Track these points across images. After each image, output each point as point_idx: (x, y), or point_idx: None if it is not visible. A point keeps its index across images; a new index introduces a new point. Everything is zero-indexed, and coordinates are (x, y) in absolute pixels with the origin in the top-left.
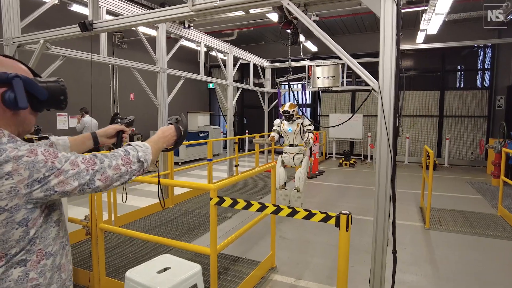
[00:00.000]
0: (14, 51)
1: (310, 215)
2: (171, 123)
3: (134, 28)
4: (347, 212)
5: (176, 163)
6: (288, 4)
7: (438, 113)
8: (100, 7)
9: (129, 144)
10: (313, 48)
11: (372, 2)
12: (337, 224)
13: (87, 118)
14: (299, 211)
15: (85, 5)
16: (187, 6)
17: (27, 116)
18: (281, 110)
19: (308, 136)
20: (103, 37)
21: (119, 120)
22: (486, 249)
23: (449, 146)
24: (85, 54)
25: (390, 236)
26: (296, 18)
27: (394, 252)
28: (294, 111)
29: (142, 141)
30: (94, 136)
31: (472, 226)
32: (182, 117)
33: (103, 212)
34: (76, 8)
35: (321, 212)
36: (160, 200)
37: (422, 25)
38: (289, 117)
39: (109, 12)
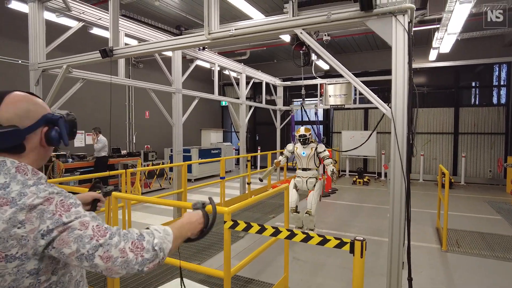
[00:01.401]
0: (39, 75)
1: (324, 241)
2: (197, 208)
3: None
4: (362, 238)
5: (189, 180)
6: (301, 32)
7: (453, 130)
8: (119, 31)
9: (148, 228)
10: (325, 66)
11: (383, 30)
12: (351, 251)
13: (102, 137)
14: (313, 237)
15: (105, 28)
16: (203, 35)
17: (46, 151)
18: (297, 134)
19: (331, 171)
20: (121, 59)
21: (99, 189)
22: (508, 274)
23: (465, 164)
24: (105, 76)
25: (405, 259)
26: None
27: (410, 279)
28: (310, 134)
29: (154, 160)
30: None
31: (492, 249)
32: (212, 201)
33: None
34: (95, 31)
35: (335, 238)
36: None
37: (435, 44)
38: (305, 141)
39: (127, 35)
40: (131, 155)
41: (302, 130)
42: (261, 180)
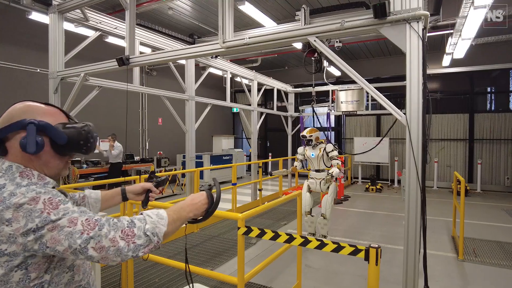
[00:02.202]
0: (58, 83)
1: (339, 248)
2: (203, 190)
3: None
4: (377, 246)
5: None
6: (315, 40)
7: (468, 136)
8: (135, 40)
9: (141, 213)
10: (336, 72)
11: (397, 38)
12: (366, 258)
13: (117, 143)
14: (327, 244)
15: (120, 37)
16: (218, 43)
17: (49, 159)
18: (301, 135)
19: (336, 173)
20: (136, 67)
21: (153, 179)
22: None
23: (481, 171)
24: (120, 84)
25: (421, 268)
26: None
27: None
28: (312, 136)
29: (166, 166)
30: (123, 191)
31: (511, 258)
32: (216, 182)
33: None
34: (110, 39)
35: (350, 245)
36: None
37: (448, 49)
38: (308, 142)
39: (142, 44)
40: (144, 161)
41: (305, 131)
42: (270, 174)
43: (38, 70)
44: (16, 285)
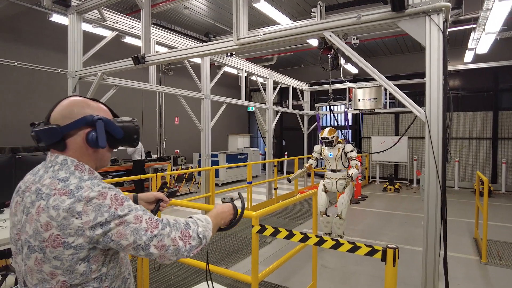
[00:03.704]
0: (76, 82)
1: (355, 248)
2: (227, 202)
3: None
4: (394, 246)
5: (216, 184)
6: (330, 35)
7: (492, 135)
8: (150, 39)
9: (190, 217)
10: (353, 70)
11: (416, 31)
12: (383, 259)
13: None
14: (343, 244)
15: (137, 37)
16: (232, 40)
17: (104, 153)
18: (320, 136)
19: (353, 174)
20: (153, 66)
21: (165, 190)
22: None
23: (506, 171)
24: (137, 83)
25: (441, 270)
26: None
27: None
28: (333, 137)
29: (183, 164)
30: (135, 198)
31: None
32: (241, 196)
33: None
34: (128, 39)
35: (367, 245)
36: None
37: (471, 44)
38: (328, 143)
39: (158, 43)
40: (161, 160)
41: (325, 132)
42: (289, 181)
43: (59, 70)
44: (80, 276)
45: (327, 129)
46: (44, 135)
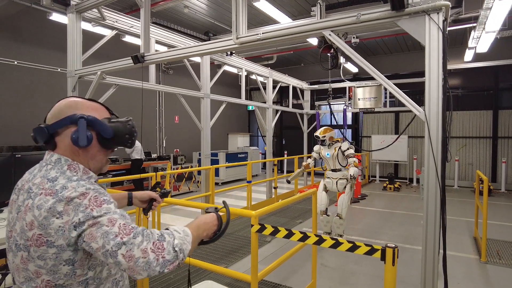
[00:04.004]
0: (75, 81)
1: (354, 247)
2: (211, 212)
3: None
4: (393, 245)
5: (216, 183)
6: (330, 34)
7: (492, 134)
8: (150, 38)
9: (167, 228)
10: (353, 69)
11: (416, 30)
12: (383, 258)
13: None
14: (342, 243)
15: (136, 36)
16: (231, 39)
17: (96, 153)
18: (314, 134)
19: (354, 172)
20: (152, 65)
21: (157, 190)
22: None
23: (506, 170)
24: (136, 82)
25: (440, 269)
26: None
27: None
28: (325, 136)
29: (183, 163)
30: (130, 196)
31: None
32: (225, 205)
33: None
34: (127, 38)
35: (366, 245)
36: None
37: (471, 43)
38: (322, 142)
39: (158, 42)
40: (161, 159)
41: (319, 131)
42: (288, 182)
43: (59, 69)
44: (64, 276)
45: (322, 128)
46: (36, 133)
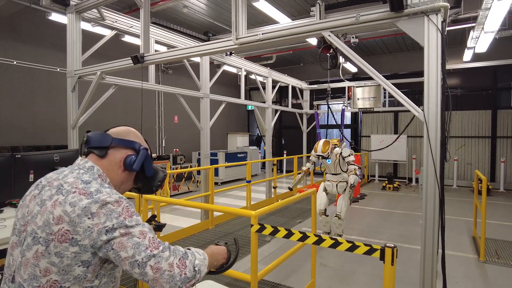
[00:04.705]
0: (75, 81)
1: (353, 247)
2: (221, 245)
3: None
4: (393, 245)
5: (216, 183)
6: (329, 35)
7: (491, 133)
8: (149, 39)
9: (189, 248)
10: (352, 69)
11: (415, 31)
12: (382, 258)
13: None
14: (342, 243)
15: (136, 36)
16: (231, 40)
17: (129, 179)
18: (314, 153)
19: (354, 181)
20: (152, 65)
21: (153, 223)
22: None
23: (505, 169)
24: (136, 82)
25: (439, 269)
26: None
27: None
28: (329, 153)
29: (182, 163)
30: None
31: None
32: (236, 242)
33: None
34: (127, 38)
35: (365, 244)
36: None
37: (470, 43)
38: (324, 158)
39: (157, 42)
40: (160, 159)
41: (319, 148)
42: (290, 189)
43: (58, 69)
44: (74, 279)
45: (321, 143)
46: (96, 137)
